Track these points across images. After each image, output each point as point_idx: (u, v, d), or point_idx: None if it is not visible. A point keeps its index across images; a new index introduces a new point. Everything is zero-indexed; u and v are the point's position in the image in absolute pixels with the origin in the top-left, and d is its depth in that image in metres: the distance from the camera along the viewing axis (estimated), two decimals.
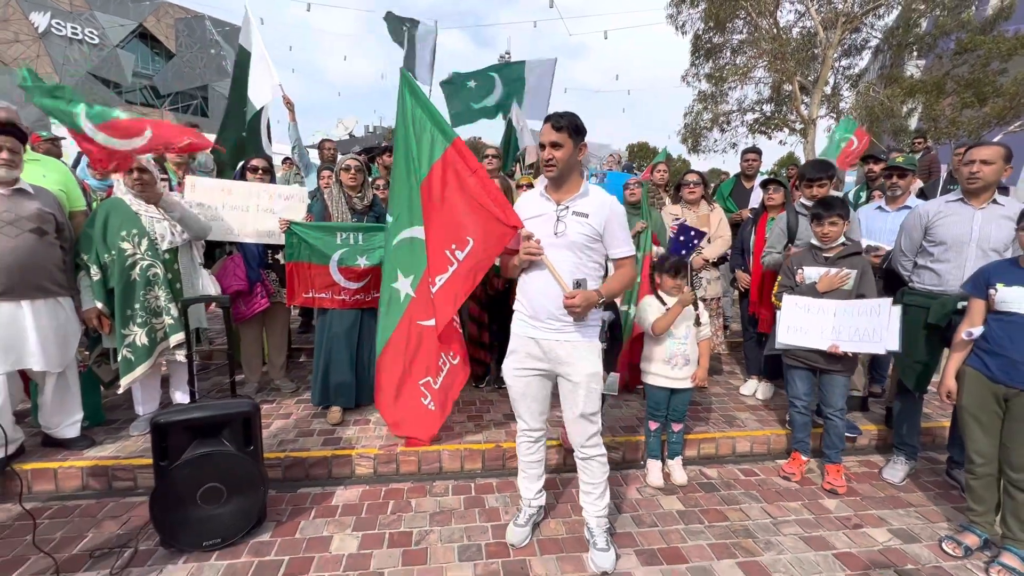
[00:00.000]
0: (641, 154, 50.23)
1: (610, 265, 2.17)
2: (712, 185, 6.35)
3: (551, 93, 5.97)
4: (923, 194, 4.64)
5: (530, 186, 4.39)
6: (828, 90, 15.54)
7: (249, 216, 3.32)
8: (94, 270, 2.71)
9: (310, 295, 3.31)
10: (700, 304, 2.83)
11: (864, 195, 4.84)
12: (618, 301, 3.32)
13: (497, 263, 2.46)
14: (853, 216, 3.26)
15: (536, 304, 2.04)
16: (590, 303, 1.95)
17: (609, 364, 2.81)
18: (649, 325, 2.75)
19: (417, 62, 5.75)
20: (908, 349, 2.79)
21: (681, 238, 3.30)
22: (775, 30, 14.84)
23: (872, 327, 2.60)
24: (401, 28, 5.63)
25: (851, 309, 2.66)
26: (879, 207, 3.61)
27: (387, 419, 3.04)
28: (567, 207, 2.01)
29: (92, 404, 3.00)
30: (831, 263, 2.79)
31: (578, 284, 1.94)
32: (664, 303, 2.78)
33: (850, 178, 7.51)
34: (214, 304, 3.95)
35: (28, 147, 2.72)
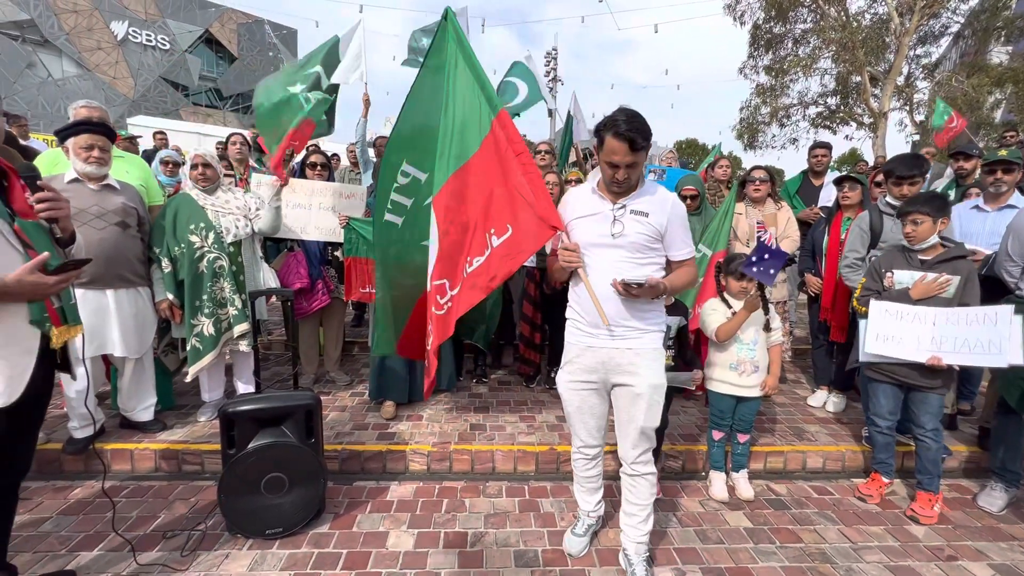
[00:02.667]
0: (689, 151, 48.63)
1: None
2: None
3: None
4: (1023, 191, 4.18)
5: (579, 181, 4.27)
6: (901, 80, 14.44)
7: (312, 214, 3.39)
8: (165, 263, 2.83)
9: (367, 290, 3.38)
10: (771, 308, 2.64)
11: (953, 193, 4.41)
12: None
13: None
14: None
15: (592, 311, 1.86)
16: (654, 291, 1.80)
17: (690, 364, 2.62)
18: (712, 331, 2.58)
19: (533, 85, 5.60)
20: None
21: (754, 258, 2.58)
22: (844, 18, 13.91)
23: (987, 338, 2.30)
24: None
25: (957, 317, 2.37)
26: (976, 206, 3.27)
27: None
28: (624, 205, 1.85)
29: (164, 389, 3.14)
30: (928, 267, 2.50)
31: (627, 286, 1.75)
32: (730, 307, 2.61)
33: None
34: (274, 297, 4.07)
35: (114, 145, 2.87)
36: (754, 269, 2.55)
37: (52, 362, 1.68)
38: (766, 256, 2.53)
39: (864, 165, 8.33)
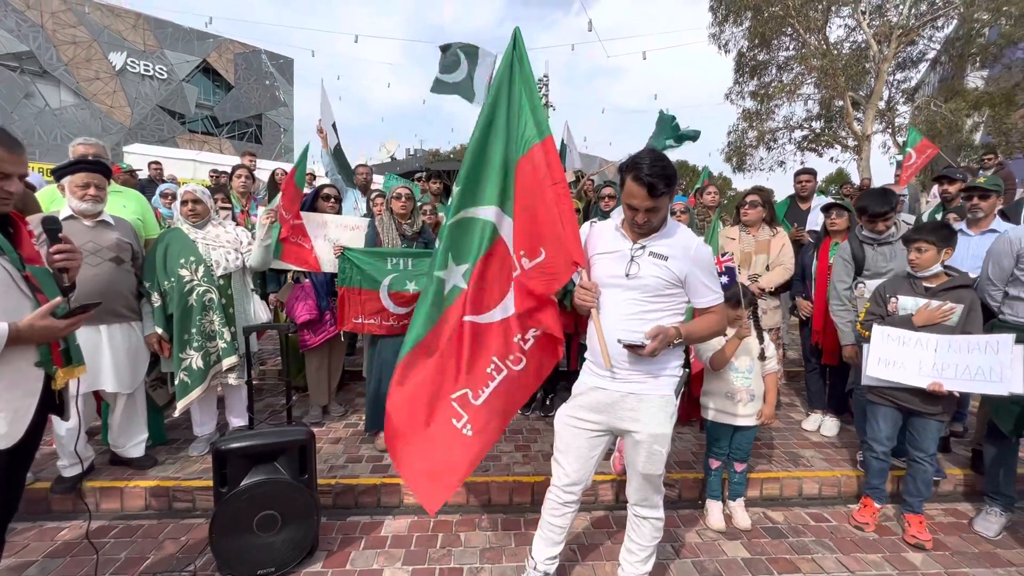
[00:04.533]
0: (681, 172, 49.55)
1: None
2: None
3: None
4: (1004, 215, 4.29)
5: (577, 212, 4.35)
6: (882, 105, 14.89)
7: (316, 245, 3.41)
8: (155, 297, 2.83)
9: (359, 320, 3.33)
10: (765, 336, 2.67)
11: (939, 217, 4.52)
12: None
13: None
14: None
15: (599, 349, 1.81)
16: (665, 340, 1.70)
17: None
18: (707, 359, 2.61)
19: (476, 84, 5.61)
20: None
21: (724, 279, 2.85)
22: (824, 46, 14.40)
23: (988, 366, 2.33)
24: (457, 57, 5.50)
25: (959, 345, 2.40)
26: (960, 230, 3.35)
27: (397, 453, 2.23)
28: (643, 246, 1.79)
29: (155, 425, 3.11)
30: (932, 294, 2.54)
31: (632, 346, 1.68)
32: (724, 335, 2.64)
33: (902, 195, 7.09)
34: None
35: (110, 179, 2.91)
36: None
37: (47, 402, 1.68)
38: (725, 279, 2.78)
39: (850, 188, 8.51)
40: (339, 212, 3.79)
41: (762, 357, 2.60)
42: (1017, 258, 2.62)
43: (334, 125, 5.12)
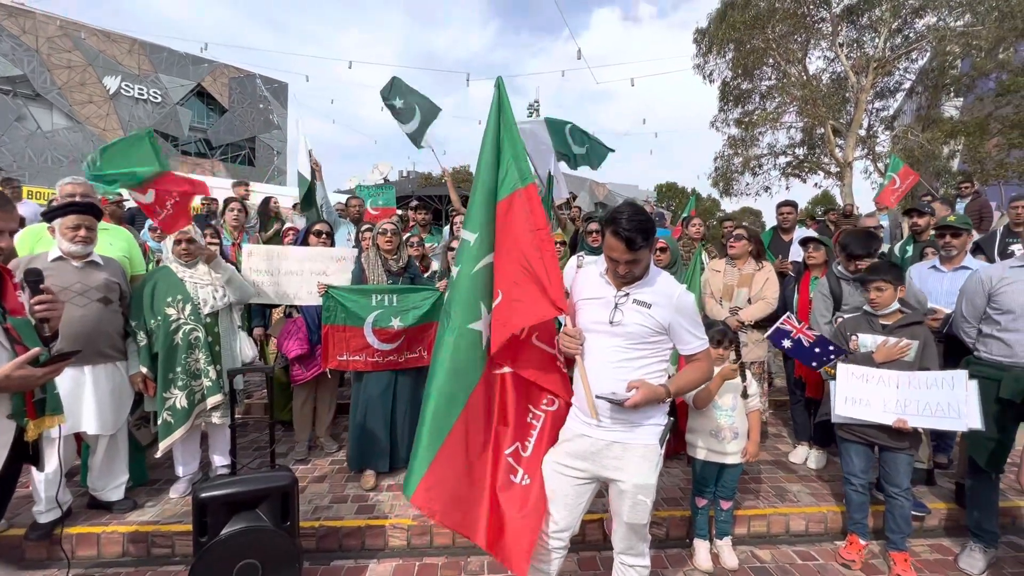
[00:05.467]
0: (670, 194, 50.26)
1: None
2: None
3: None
4: (979, 248, 4.42)
5: (563, 244, 4.41)
6: (863, 132, 15.35)
7: (303, 280, 3.43)
8: (141, 336, 2.82)
9: (344, 358, 3.30)
10: (748, 374, 2.71)
11: (911, 249, 4.64)
12: None
13: None
14: (907, 279, 3.12)
15: (584, 397, 1.83)
16: (652, 398, 1.72)
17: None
18: (690, 398, 2.64)
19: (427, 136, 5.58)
20: None
21: (816, 350, 2.92)
22: (805, 76, 14.90)
23: (947, 402, 2.40)
24: (409, 101, 5.55)
25: (919, 381, 2.48)
26: (934, 266, 3.45)
27: (485, 539, 1.99)
28: (627, 294, 1.82)
29: (136, 464, 3.06)
30: (889, 332, 2.64)
31: (618, 403, 1.69)
32: None
33: (883, 222, 7.30)
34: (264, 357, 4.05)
35: None
36: (813, 363, 2.95)
37: (22, 453, 1.67)
38: (817, 350, 2.91)
39: (835, 214, 8.67)
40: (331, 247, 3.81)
41: (744, 395, 2.64)
42: (989, 297, 2.70)
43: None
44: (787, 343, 3.03)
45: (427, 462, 2.06)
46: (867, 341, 2.69)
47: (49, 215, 2.59)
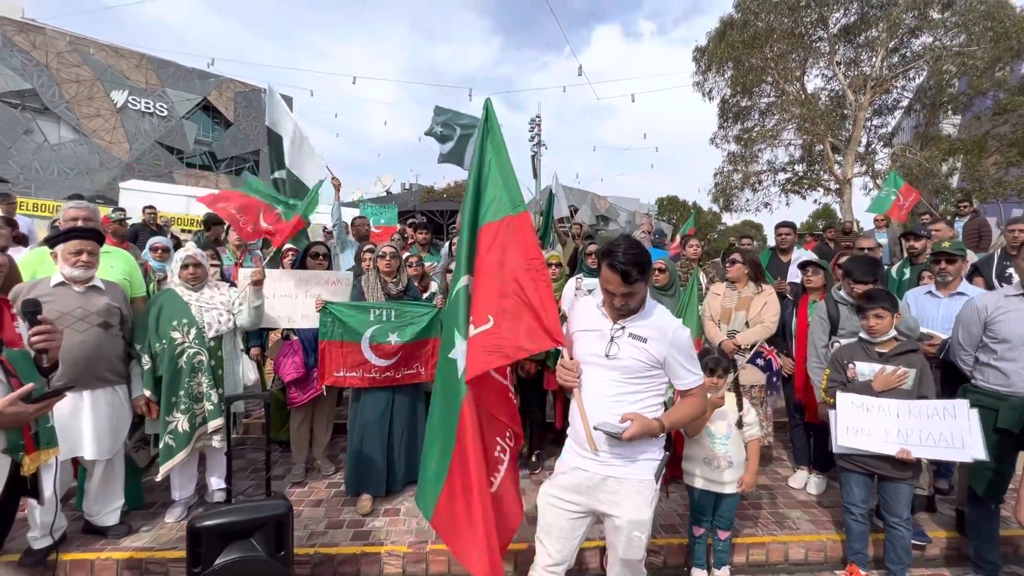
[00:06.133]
0: (671, 207, 50.52)
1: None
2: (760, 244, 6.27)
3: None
4: (977, 270, 4.43)
5: (559, 265, 4.43)
6: (861, 149, 15.47)
7: (298, 303, 3.45)
8: (145, 359, 2.84)
9: (340, 374, 3.31)
10: (745, 403, 2.70)
11: (908, 272, 4.65)
12: None
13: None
14: (902, 305, 3.12)
15: (581, 429, 1.84)
16: (646, 431, 1.72)
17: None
18: (682, 426, 2.63)
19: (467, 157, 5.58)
20: None
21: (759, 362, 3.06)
22: (803, 95, 15.07)
23: (949, 432, 2.39)
24: (452, 125, 5.55)
25: (919, 410, 2.47)
26: (929, 292, 3.46)
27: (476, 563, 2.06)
28: (623, 327, 1.83)
29: (132, 487, 3.04)
30: (886, 359, 2.63)
31: (615, 436, 1.69)
32: None
33: (882, 239, 7.34)
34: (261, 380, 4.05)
35: None
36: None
37: (19, 487, 1.67)
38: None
39: (833, 231, 8.69)
40: (329, 268, 3.84)
41: (740, 425, 2.63)
42: (984, 325, 2.71)
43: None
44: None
45: (440, 485, 2.17)
46: (865, 369, 2.68)
47: (52, 241, 2.62)
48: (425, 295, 4.09)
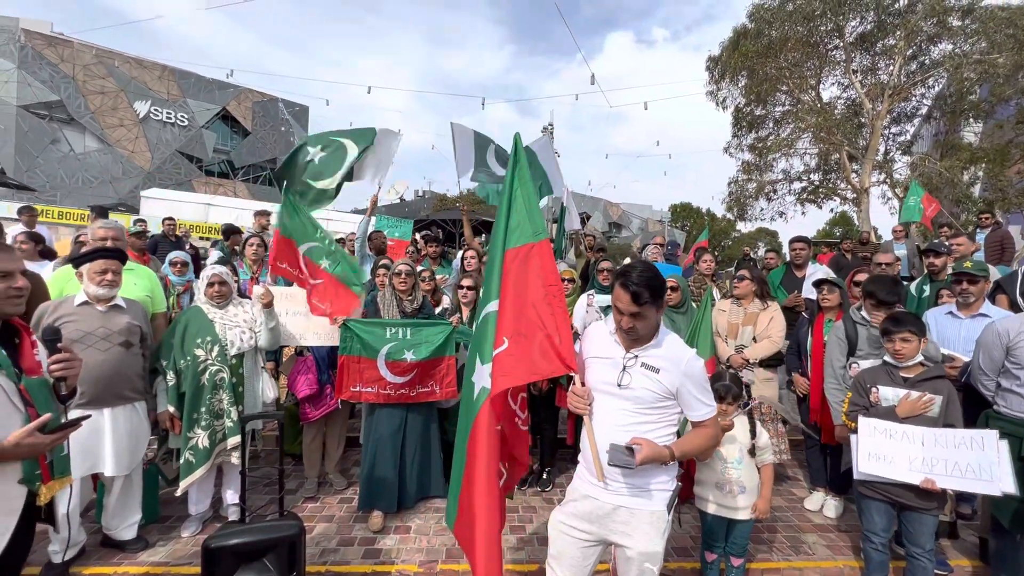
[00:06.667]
0: (684, 214, 50.23)
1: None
2: (772, 258, 6.17)
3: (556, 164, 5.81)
4: (999, 287, 4.32)
5: (572, 280, 4.44)
6: (879, 158, 15.24)
7: (310, 321, 3.50)
8: (170, 375, 2.93)
9: (357, 389, 3.37)
10: (759, 428, 2.66)
11: (928, 289, 4.56)
12: None
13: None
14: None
15: (591, 458, 1.81)
16: (656, 457, 1.69)
17: None
18: None
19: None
20: None
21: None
22: (818, 104, 14.91)
23: (977, 463, 2.31)
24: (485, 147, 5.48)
25: (945, 439, 2.38)
26: (950, 312, 3.39)
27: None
28: (636, 356, 1.81)
29: (149, 501, 3.10)
30: (911, 385, 2.54)
31: (629, 451, 1.69)
32: None
33: (900, 251, 7.22)
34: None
35: None
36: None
37: (35, 515, 1.69)
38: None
39: (850, 243, 8.53)
40: None
41: (752, 453, 2.59)
42: (1007, 350, 2.64)
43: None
44: None
45: (456, 500, 2.23)
46: (888, 394, 2.60)
47: (77, 260, 2.70)
48: (438, 309, 4.12)
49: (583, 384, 1.93)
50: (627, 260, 7.32)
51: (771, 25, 14.00)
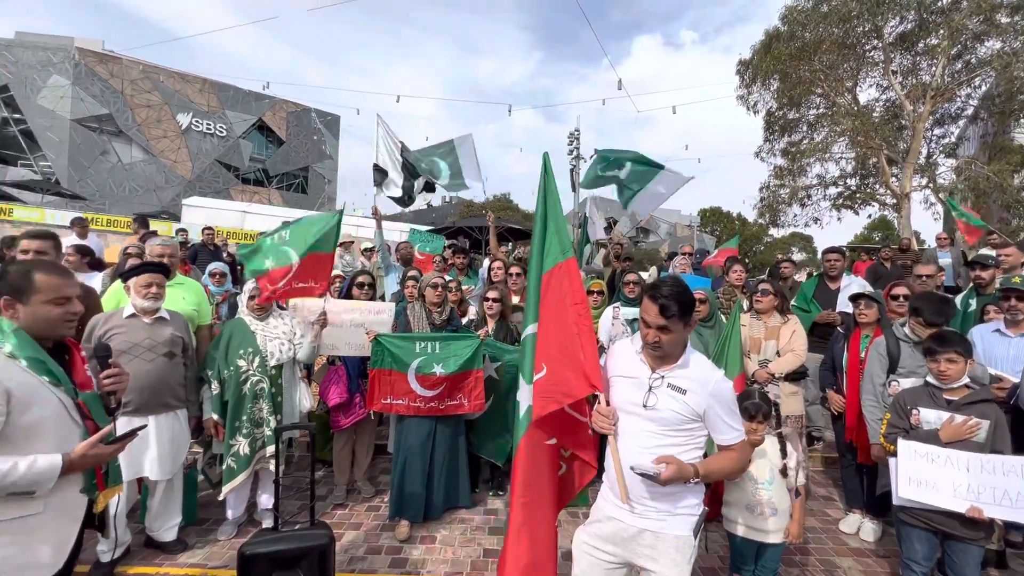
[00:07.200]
0: (714, 219, 49.20)
1: None
2: (802, 261, 6.03)
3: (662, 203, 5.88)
4: None
5: (601, 293, 4.42)
6: (921, 161, 14.61)
7: (343, 331, 3.61)
8: (215, 385, 3.08)
9: (388, 401, 3.44)
10: (789, 449, 2.59)
11: (973, 303, 4.34)
12: None
13: None
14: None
15: (616, 478, 1.79)
16: (681, 475, 1.66)
17: None
18: None
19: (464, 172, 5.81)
20: None
21: None
22: (855, 107, 14.43)
23: None
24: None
25: (993, 466, 2.25)
26: (997, 329, 3.23)
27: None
28: (662, 376, 1.78)
29: (189, 505, 3.25)
30: (955, 408, 2.42)
31: (652, 477, 1.66)
32: None
33: (944, 260, 6.89)
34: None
35: None
36: None
37: (87, 521, 1.79)
38: None
39: (888, 251, 8.19)
40: (372, 299, 3.99)
41: (784, 473, 2.52)
42: None
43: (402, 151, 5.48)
44: None
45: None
46: (930, 417, 2.48)
47: (125, 275, 2.86)
48: (464, 320, 4.18)
49: (608, 403, 1.92)
50: (652, 269, 7.23)
51: (805, 27, 13.63)
